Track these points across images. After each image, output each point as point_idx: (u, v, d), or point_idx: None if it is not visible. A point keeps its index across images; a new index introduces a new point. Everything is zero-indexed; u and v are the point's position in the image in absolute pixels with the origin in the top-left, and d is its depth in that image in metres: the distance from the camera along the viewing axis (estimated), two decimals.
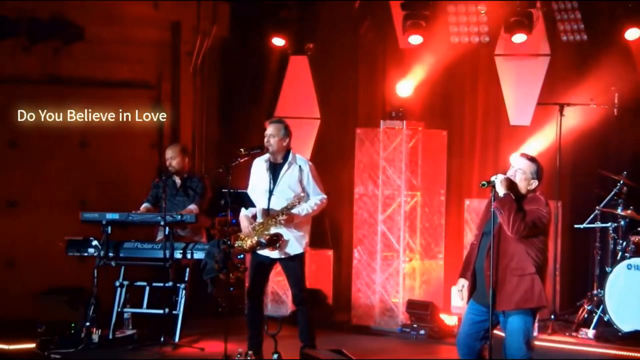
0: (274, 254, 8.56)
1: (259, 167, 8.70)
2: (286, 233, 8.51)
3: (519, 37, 10.55)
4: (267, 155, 8.66)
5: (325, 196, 8.68)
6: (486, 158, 10.86)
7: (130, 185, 10.91)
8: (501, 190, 7.04)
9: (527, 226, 6.95)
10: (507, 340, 7.16)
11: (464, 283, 7.31)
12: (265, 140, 8.60)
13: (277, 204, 8.54)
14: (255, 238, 8.51)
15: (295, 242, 8.57)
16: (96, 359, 9.20)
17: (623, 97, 10.16)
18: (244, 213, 8.67)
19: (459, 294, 7.44)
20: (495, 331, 7.43)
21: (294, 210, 8.49)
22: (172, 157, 9.98)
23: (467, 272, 7.31)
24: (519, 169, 7.16)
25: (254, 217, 8.66)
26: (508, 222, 6.96)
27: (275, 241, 8.45)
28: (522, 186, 7.13)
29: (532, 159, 7.20)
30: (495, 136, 10.91)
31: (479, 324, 7.16)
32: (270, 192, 8.56)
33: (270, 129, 8.62)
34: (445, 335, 10.30)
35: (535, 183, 7.13)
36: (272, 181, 8.59)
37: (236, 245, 8.63)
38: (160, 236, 9.94)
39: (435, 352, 9.92)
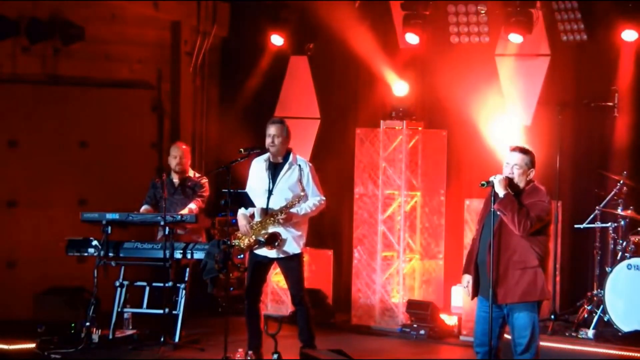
0: (272, 253, 8.55)
1: (258, 167, 8.70)
2: (284, 232, 8.51)
3: (516, 37, 10.54)
4: (266, 155, 8.66)
5: (323, 198, 8.68)
6: (486, 158, 10.84)
7: (130, 185, 10.91)
8: (500, 191, 7.04)
9: (533, 222, 6.97)
10: (514, 337, 7.16)
11: (468, 279, 7.32)
12: (269, 140, 8.59)
13: (276, 203, 8.53)
14: (253, 237, 8.51)
15: (293, 241, 8.57)
16: (96, 359, 9.19)
17: (623, 97, 10.16)
18: (242, 212, 8.67)
19: (464, 290, 7.44)
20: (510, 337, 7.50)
21: (293, 210, 8.49)
22: (182, 157, 9.97)
23: (470, 267, 7.32)
24: (514, 164, 7.18)
25: (252, 216, 8.66)
26: (513, 222, 6.97)
27: (274, 240, 8.45)
28: (522, 180, 7.16)
29: (523, 151, 7.22)
30: (495, 136, 10.90)
31: (492, 321, 7.15)
32: (270, 192, 8.56)
33: (273, 129, 8.60)
34: (445, 335, 10.30)
35: (532, 172, 7.19)
36: (271, 181, 8.59)
37: (233, 244, 8.62)
38: (159, 235, 9.95)
39: (435, 352, 9.92)
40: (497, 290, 7.09)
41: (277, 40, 11.78)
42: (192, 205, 9.87)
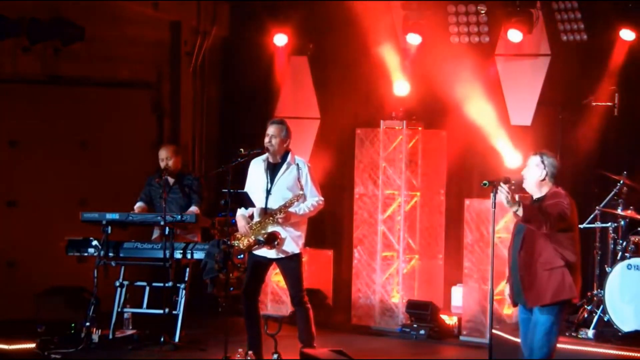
0: (272, 253, 8.55)
1: (257, 167, 8.69)
2: (283, 232, 8.50)
3: (516, 35, 10.53)
4: (265, 155, 8.65)
5: (322, 198, 8.67)
6: (486, 158, 10.84)
7: (130, 185, 10.89)
8: (515, 207, 7.05)
9: (556, 219, 7.02)
10: (532, 333, 7.19)
11: (509, 291, 7.40)
12: (267, 140, 8.58)
13: (274, 203, 8.52)
14: (253, 237, 8.51)
15: (292, 241, 8.55)
16: (96, 359, 9.19)
17: (623, 97, 10.15)
18: (241, 212, 8.66)
19: (508, 298, 7.50)
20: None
21: (291, 209, 8.48)
22: (168, 158, 9.97)
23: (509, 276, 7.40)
24: (526, 166, 7.34)
25: (251, 217, 8.66)
26: (539, 224, 7.02)
27: (273, 239, 8.44)
28: (534, 180, 7.27)
29: (535, 153, 7.35)
30: (495, 136, 10.89)
31: (530, 323, 7.22)
32: (268, 192, 8.56)
33: (272, 129, 8.60)
34: (445, 335, 10.31)
35: (543, 173, 7.27)
36: (270, 181, 8.58)
37: (233, 244, 8.62)
38: (155, 234, 9.94)
39: (435, 352, 9.92)
40: (529, 295, 7.15)
41: (279, 40, 11.78)
42: (193, 208, 9.88)
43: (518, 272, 7.20)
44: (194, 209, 9.87)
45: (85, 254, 9.76)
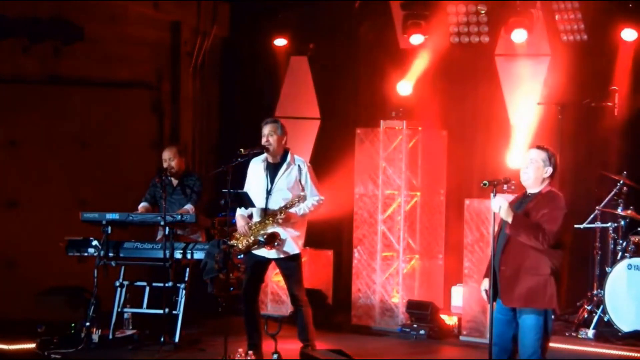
0: (272, 253, 8.55)
1: (256, 168, 8.69)
2: (283, 233, 8.50)
3: (519, 35, 10.53)
4: (264, 156, 8.65)
5: (322, 198, 8.68)
6: (486, 158, 10.85)
7: (130, 185, 10.92)
8: (508, 218, 6.97)
9: (555, 235, 6.88)
10: (519, 339, 7.14)
11: (487, 285, 7.28)
12: (264, 140, 8.59)
13: (274, 203, 8.52)
14: (252, 237, 8.51)
15: (292, 242, 8.56)
16: (96, 359, 9.19)
17: (623, 97, 10.16)
18: (240, 212, 8.67)
19: (483, 294, 7.41)
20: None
21: (292, 210, 8.49)
22: (171, 159, 9.98)
23: (489, 271, 7.28)
24: (530, 159, 7.18)
25: (250, 217, 8.66)
26: (532, 241, 6.90)
27: (274, 240, 8.45)
28: (538, 175, 7.12)
29: (541, 148, 7.22)
30: (495, 136, 10.91)
31: (507, 323, 7.15)
32: (268, 192, 8.56)
33: (267, 129, 8.61)
34: (445, 335, 10.30)
35: (549, 170, 7.13)
36: (270, 181, 8.58)
37: (231, 244, 8.62)
38: (159, 235, 9.95)
39: (435, 352, 9.92)
40: (506, 293, 7.08)
41: (277, 40, 11.80)
42: (188, 206, 9.88)
43: (499, 267, 7.08)
44: (188, 207, 9.86)
45: (85, 254, 9.75)
